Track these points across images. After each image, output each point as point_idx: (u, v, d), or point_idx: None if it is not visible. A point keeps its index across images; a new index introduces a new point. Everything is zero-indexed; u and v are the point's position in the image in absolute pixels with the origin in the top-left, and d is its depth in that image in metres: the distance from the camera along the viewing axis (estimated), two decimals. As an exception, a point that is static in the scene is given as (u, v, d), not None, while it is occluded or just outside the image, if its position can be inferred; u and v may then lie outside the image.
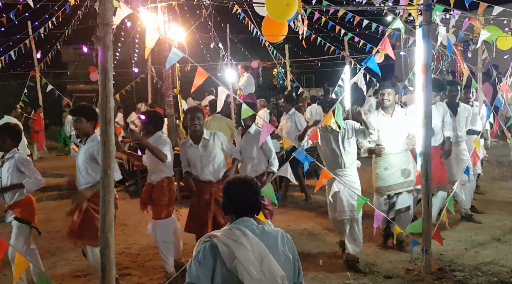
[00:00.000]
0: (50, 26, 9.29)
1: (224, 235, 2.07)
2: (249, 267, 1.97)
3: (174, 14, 8.40)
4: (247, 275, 1.95)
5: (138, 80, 12.23)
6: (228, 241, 2.03)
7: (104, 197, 2.96)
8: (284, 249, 2.13)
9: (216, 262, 2.01)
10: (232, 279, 1.98)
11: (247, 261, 1.98)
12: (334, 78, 14.00)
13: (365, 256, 4.81)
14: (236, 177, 2.31)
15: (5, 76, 14.26)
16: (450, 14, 4.96)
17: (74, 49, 20.78)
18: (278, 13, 4.40)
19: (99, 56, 2.89)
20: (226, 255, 2.00)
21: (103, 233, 2.97)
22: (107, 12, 2.89)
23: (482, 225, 5.66)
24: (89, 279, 4.52)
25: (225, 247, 2.02)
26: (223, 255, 2.01)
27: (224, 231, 2.12)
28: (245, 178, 2.28)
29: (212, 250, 2.03)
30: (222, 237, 2.06)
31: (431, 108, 4.34)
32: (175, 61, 3.44)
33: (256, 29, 9.32)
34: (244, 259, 1.98)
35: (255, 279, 1.95)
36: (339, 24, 8.16)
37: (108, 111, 2.92)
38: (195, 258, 2.05)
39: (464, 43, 11.77)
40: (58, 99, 11.62)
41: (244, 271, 1.96)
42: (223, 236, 2.06)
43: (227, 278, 1.99)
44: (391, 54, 4.28)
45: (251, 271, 1.96)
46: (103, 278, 2.99)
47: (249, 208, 2.20)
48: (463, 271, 4.35)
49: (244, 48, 14.05)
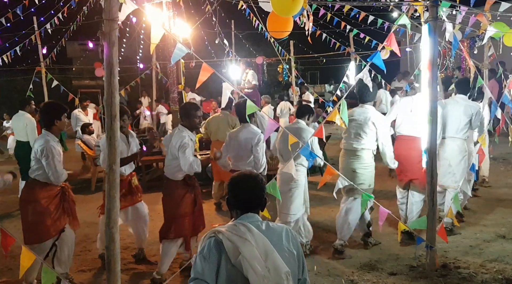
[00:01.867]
0: (56, 21, 9.31)
1: (229, 231, 2.07)
2: (254, 262, 1.97)
3: (179, 10, 8.40)
4: (252, 270, 1.96)
5: (143, 76, 12.25)
6: (233, 236, 2.04)
7: (110, 192, 2.97)
8: (288, 245, 2.13)
9: (221, 258, 2.01)
10: (237, 274, 1.99)
11: (252, 256, 1.98)
12: (339, 75, 13.97)
13: (369, 253, 4.82)
14: (242, 173, 2.30)
15: (11, 71, 14.33)
16: (457, 10, 4.93)
17: (80, 45, 20.88)
18: (284, 9, 4.39)
19: (105, 52, 2.89)
20: (231, 251, 2.01)
21: (109, 228, 2.99)
22: (113, 8, 2.89)
23: (487, 222, 5.64)
24: (94, 274, 4.55)
25: (230, 243, 2.02)
26: (228, 250, 2.01)
27: (229, 226, 2.12)
28: (250, 174, 2.27)
29: (217, 245, 2.04)
30: (227, 232, 2.06)
31: (437, 105, 4.32)
32: (180, 57, 3.43)
33: (261, 25, 9.30)
34: (249, 255, 1.98)
35: (260, 275, 1.95)
36: (345, 20, 8.13)
37: (114, 107, 2.93)
38: (200, 253, 2.05)
39: (470, 39, 11.68)
40: (63, 95, 11.64)
41: (249, 266, 1.96)
42: (228, 232, 2.07)
43: (231, 274, 1.99)
44: (397, 50, 4.25)
45: (256, 266, 1.96)
46: (109, 272, 3.01)
47: (254, 204, 2.20)
48: (468, 268, 4.34)
49: (249, 44, 14.05)
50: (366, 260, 4.61)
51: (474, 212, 6.07)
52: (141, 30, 11.08)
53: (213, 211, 6.78)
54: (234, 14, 11.14)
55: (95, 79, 18.54)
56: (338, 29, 8.65)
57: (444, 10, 4.48)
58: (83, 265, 4.77)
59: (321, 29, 9.03)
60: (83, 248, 5.27)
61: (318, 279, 4.20)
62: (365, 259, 4.66)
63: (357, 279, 4.20)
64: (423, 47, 4.31)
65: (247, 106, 3.98)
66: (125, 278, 4.36)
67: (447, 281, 4.08)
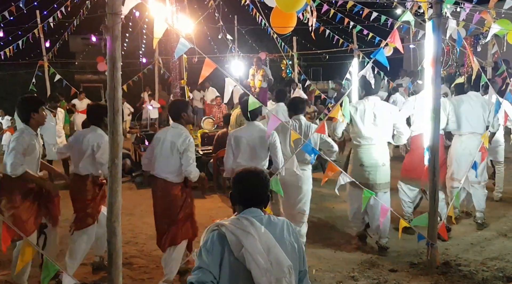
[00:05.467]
0: (59, 15, 9.31)
1: (232, 224, 2.10)
2: (257, 256, 2.00)
3: (182, 5, 8.39)
4: (254, 264, 1.98)
5: (145, 71, 12.25)
6: (236, 230, 2.06)
7: (112, 186, 2.98)
8: (289, 238, 2.16)
9: (224, 251, 2.04)
10: (240, 267, 2.01)
11: (255, 250, 2.01)
12: (342, 71, 13.93)
13: (370, 250, 4.82)
14: (246, 169, 2.32)
15: (13, 65, 14.34)
16: (461, 7, 4.91)
17: (82, 39, 20.84)
18: (287, 4, 4.39)
19: (108, 46, 2.89)
20: (234, 244, 2.03)
21: (110, 222, 3.00)
22: (116, 2, 2.88)
23: (489, 220, 5.64)
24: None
25: (233, 236, 2.05)
26: (230, 244, 2.04)
27: (232, 220, 2.14)
28: (254, 170, 2.30)
29: (220, 238, 2.06)
30: (230, 226, 2.09)
31: (440, 102, 4.31)
32: (183, 52, 3.43)
33: (264, 21, 9.28)
34: (251, 248, 2.01)
35: (262, 268, 1.98)
36: (348, 16, 8.10)
37: (116, 101, 2.93)
38: (203, 246, 2.08)
39: (474, 37, 11.64)
40: (66, 89, 11.66)
41: (251, 260, 1.99)
42: (231, 225, 2.09)
43: (234, 267, 2.02)
44: (400, 47, 4.24)
45: (258, 260, 1.99)
46: (110, 266, 3.02)
47: (257, 200, 2.22)
48: (469, 265, 4.34)
49: (251, 40, 14.01)
50: (367, 257, 4.62)
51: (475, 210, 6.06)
52: (144, 25, 11.07)
53: (216, 206, 6.78)
54: (237, 9, 11.11)
55: (97, 74, 18.54)
56: (341, 25, 8.62)
57: (448, 7, 4.46)
58: (85, 259, 4.77)
59: (324, 25, 9.01)
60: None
61: (319, 275, 4.21)
62: (365, 255, 4.66)
63: (358, 276, 4.20)
64: (427, 44, 4.29)
65: (249, 103, 3.96)
66: (126, 272, 4.37)
67: (447, 278, 4.09)
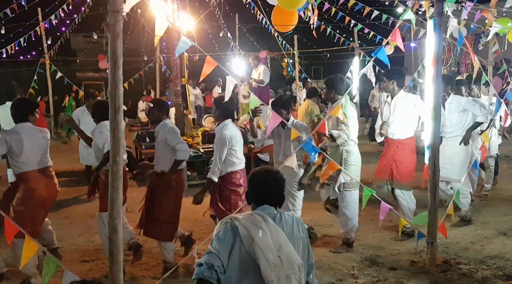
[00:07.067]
0: (61, 13, 9.32)
1: (245, 219, 2.16)
2: (267, 251, 2.05)
3: (183, 3, 8.39)
4: (264, 258, 2.04)
5: (146, 69, 12.25)
6: (249, 224, 2.12)
7: (113, 183, 2.98)
8: (299, 234, 2.23)
9: (235, 242, 2.10)
10: (250, 261, 2.07)
11: (265, 245, 2.06)
12: (343, 70, 13.91)
13: (370, 248, 4.83)
14: (262, 168, 2.38)
15: (15, 63, 14.36)
16: (462, 6, 4.91)
17: (84, 37, 20.85)
18: (288, 2, 4.39)
19: (109, 44, 2.89)
20: (246, 238, 2.09)
21: (112, 219, 3.00)
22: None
23: (489, 219, 5.65)
24: (97, 264, 4.59)
25: (245, 230, 2.11)
26: (242, 237, 2.10)
27: (246, 215, 2.21)
28: (270, 170, 2.36)
29: (232, 230, 2.13)
30: (243, 220, 2.15)
31: (440, 100, 4.31)
32: (184, 50, 3.44)
33: (265, 19, 9.27)
34: (262, 243, 2.06)
35: (271, 263, 2.03)
36: (349, 14, 8.10)
37: (118, 99, 2.93)
38: (216, 235, 2.14)
39: (475, 35, 11.61)
40: (67, 87, 11.69)
41: (261, 254, 2.04)
42: (244, 220, 2.15)
43: (244, 260, 2.08)
44: (401, 46, 4.24)
45: (268, 255, 2.04)
46: (111, 262, 3.03)
47: (271, 200, 2.27)
48: (468, 264, 4.35)
49: (253, 38, 14.00)
50: (367, 255, 4.63)
51: (475, 209, 6.06)
52: (145, 23, 11.07)
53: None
54: (238, 7, 11.09)
55: (99, 72, 18.58)
56: (342, 24, 8.62)
57: (450, 5, 4.46)
58: (86, 256, 4.80)
59: (325, 24, 9.01)
60: (86, 239, 5.31)
61: (319, 273, 4.22)
62: (365, 253, 4.68)
63: (358, 274, 4.22)
64: (428, 43, 4.29)
65: (250, 101, 3.97)
66: (127, 269, 4.38)
67: (447, 276, 4.10)
